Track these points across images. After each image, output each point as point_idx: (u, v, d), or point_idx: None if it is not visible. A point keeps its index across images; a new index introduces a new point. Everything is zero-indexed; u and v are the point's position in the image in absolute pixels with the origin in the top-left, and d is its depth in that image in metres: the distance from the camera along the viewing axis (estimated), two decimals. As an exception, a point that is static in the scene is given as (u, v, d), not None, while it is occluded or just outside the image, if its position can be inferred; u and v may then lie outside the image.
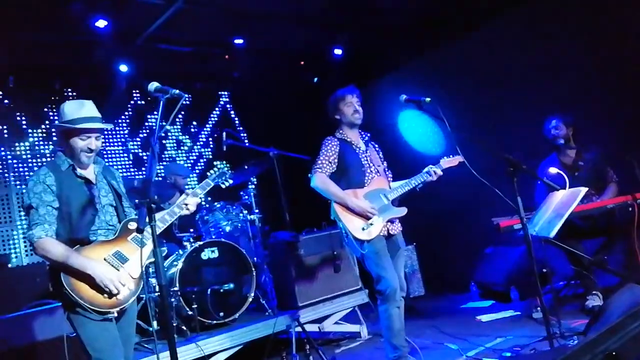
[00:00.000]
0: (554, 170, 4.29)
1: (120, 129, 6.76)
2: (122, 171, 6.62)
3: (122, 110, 6.75)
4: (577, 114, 4.73)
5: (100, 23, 5.17)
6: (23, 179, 5.81)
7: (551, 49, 5.35)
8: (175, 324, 4.08)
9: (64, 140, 2.78)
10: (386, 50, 6.86)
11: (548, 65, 5.36)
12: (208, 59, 6.64)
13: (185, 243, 4.65)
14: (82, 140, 2.76)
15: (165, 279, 2.43)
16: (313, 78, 7.54)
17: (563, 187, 3.66)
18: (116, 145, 6.70)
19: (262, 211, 5.60)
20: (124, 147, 6.76)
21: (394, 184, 3.76)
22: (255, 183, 7.57)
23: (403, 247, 3.73)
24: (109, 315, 2.65)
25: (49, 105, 6.15)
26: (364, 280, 4.89)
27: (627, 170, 4.20)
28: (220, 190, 3.73)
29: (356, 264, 4.91)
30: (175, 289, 4.20)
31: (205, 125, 7.53)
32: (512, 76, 5.66)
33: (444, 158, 3.78)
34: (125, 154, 6.75)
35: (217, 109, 7.67)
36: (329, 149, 3.66)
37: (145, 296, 3.62)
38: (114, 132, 6.69)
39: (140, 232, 2.41)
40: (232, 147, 4.85)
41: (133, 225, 2.83)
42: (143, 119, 6.96)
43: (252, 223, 5.30)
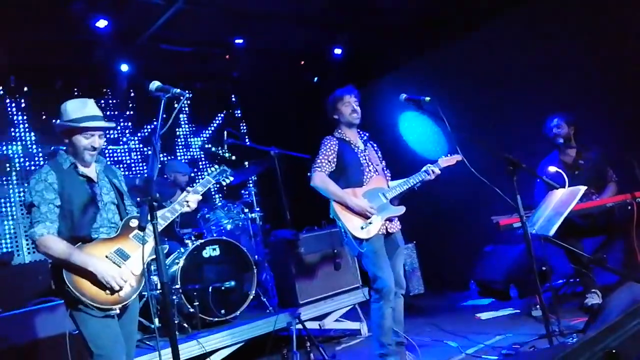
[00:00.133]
0: (553, 169, 4.31)
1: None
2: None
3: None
4: (577, 113, 4.74)
5: (100, 23, 5.18)
6: (24, 177, 5.83)
7: (551, 49, 5.36)
8: (176, 321, 4.11)
9: (67, 139, 2.80)
10: (386, 50, 6.87)
11: (548, 65, 5.36)
12: (208, 59, 6.65)
13: (187, 241, 4.67)
14: (86, 139, 2.78)
15: (167, 277, 2.44)
16: (313, 78, 7.55)
17: (562, 185, 3.68)
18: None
19: (262, 209, 5.60)
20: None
21: (393, 183, 3.78)
22: (256, 181, 7.58)
23: (402, 246, 3.75)
24: (111, 312, 2.67)
25: (50, 104, 6.15)
26: (364, 278, 4.90)
27: (627, 170, 4.22)
28: (222, 189, 3.74)
29: (356, 261, 4.93)
30: (177, 286, 4.22)
31: (206, 125, 7.54)
32: (512, 76, 5.66)
33: (442, 157, 3.80)
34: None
35: (218, 108, 7.68)
36: (328, 148, 3.67)
37: (147, 293, 3.65)
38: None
39: (142, 229, 2.43)
40: (233, 146, 4.86)
41: (134, 222, 2.85)
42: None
43: (253, 221, 5.32)
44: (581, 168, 4.58)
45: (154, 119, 6.94)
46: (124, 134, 6.79)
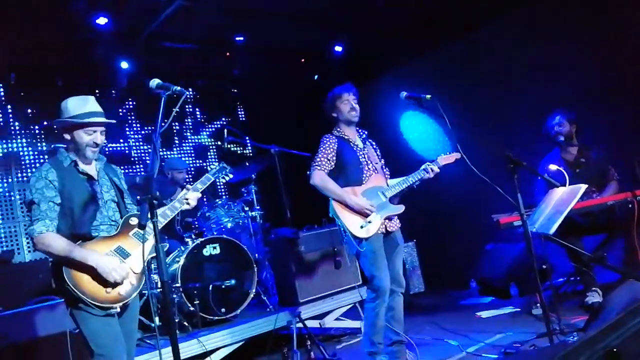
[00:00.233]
0: (554, 167, 4.31)
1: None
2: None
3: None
4: (577, 113, 4.75)
5: (101, 20, 5.18)
6: (25, 176, 5.83)
7: (551, 49, 5.35)
8: (177, 320, 4.11)
9: (68, 136, 2.80)
10: (386, 50, 6.87)
11: (548, 65, 5.37)
12: (209, 56, 6.64)
13: (187, 239, 4.67)
14: (88, 135, 2.78)
15: (167, 275, 2.44)
16: (313, 75, 7.54)
17: (563, 184, 3.68)
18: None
19: (263, 208, 5.59)
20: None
21: (391, 181, 3.77)
22: (257, 180, 7.57)
23: (401, 244, 3.74)
24: (112, 311, 2.66)
25: (51, 102, 6.14)
26: (364, 277, 4.90)
27: (627, 169, 4.22)
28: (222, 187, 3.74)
29: (356, 260, 4.93)
30: (177, 285, 4.22)
31: (205, 123, 7.54)
32: (512, 76, 5.66)
33: (441, 155, 3.79)
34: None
35: (218, 106, 7.67)
36: (327, 147, 3.66)
37: (147, 292, 3.64)
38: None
39: (142, 227, 2.42)
40: (233, 144, 4.86)
41: (134, 220, 2.84)
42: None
43: (254, 220, 5.31)
44: (583, 166, 4.58)
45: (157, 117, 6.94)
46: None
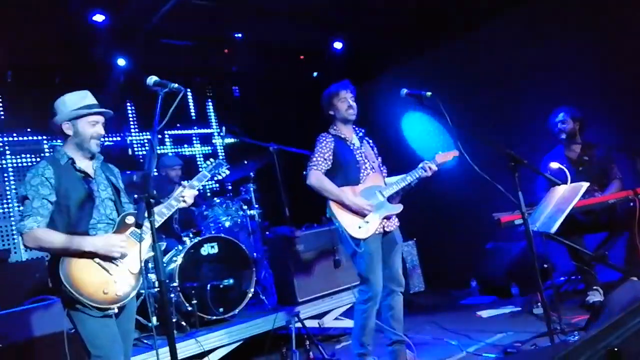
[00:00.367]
0: (555, 165, 4.28)
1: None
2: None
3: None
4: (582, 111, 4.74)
5: (98, 17, 5.15)
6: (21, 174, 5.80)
7: (551, 49, 5.35)
8: (174, 320, 4.08)
9: (70, 131, 2.79)
10: (386, 50, 6.85)
11: (548, 65, 5.36)
12: (207, 53, 6.61)
13: (185, 238, 4.63)
14: (92, 126, 2.80)
15: (164, 275, 2.41)
16: (313, 73, 7.51)
17: (564, 182, 3.66)
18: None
19: (261, 206, 5.56)
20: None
21: (389, 179, 3.72)
22: (255, 178, 7.55)
23: (400, 243, 3.70)
24: (109, 312, 2.63)
25: (48, 100, 6.11)
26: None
27: (628, 169, 4.21)
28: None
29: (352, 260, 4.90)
30: (175, 284, 4.19)
31: (205, 120, 7.50)
32: (512, 76, 5.66)
33: (439, 153, 3.75)
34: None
35: (217, 103, 7.64)
36: (323, 146, 3.60)
37: (144, 292, 3.61)
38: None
39: (139, 227, 2.40)
40: (231, 142, 4.83)
41: (131, 219, 2.80)
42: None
43: (252, 218, 5.29)
44: (586, 164, 4.56)
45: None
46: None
